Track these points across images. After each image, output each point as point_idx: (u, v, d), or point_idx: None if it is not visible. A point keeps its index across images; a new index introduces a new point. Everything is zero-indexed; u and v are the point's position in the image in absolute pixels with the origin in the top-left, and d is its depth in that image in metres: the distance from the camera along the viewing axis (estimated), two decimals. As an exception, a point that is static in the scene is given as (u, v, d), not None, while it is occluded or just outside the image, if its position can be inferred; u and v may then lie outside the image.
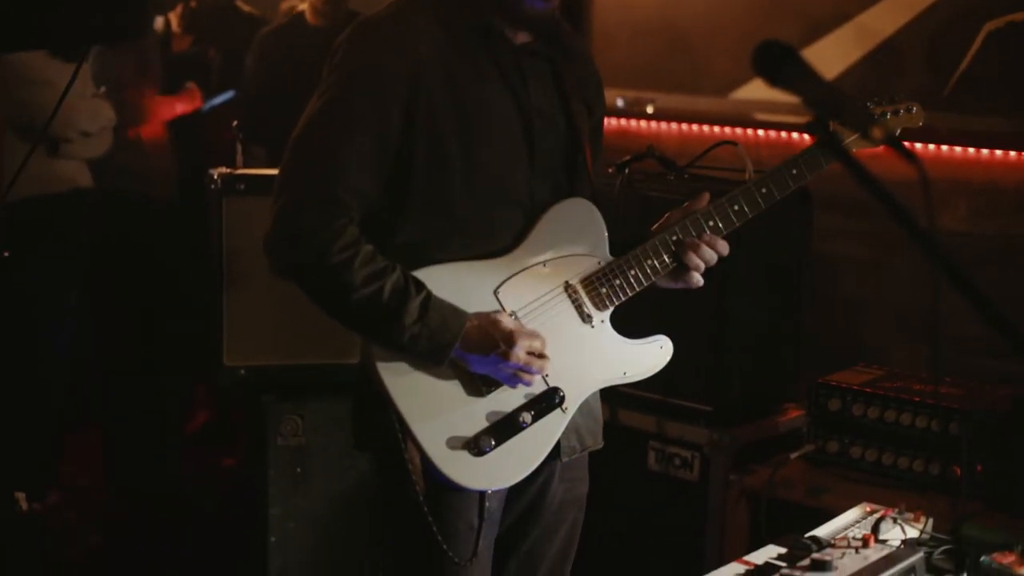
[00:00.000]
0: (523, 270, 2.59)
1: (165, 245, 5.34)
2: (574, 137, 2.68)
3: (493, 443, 2.52)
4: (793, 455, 3.65)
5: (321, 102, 2.53)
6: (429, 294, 2.47)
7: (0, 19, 2.68)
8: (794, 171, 2.69)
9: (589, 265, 2.65)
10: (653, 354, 2.74)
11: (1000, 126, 4.69)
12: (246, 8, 5.94)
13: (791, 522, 2.84)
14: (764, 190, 2.69)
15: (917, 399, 3.53)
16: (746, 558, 2.52)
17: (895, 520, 2.63)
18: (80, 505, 5.27)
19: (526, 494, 2.73)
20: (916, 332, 4.59)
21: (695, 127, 5.45)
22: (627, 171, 3.89)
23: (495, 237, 2.59)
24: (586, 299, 2.63)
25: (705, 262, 2.66)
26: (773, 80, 2.21)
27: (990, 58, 4.68)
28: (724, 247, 2.67)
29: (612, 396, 3.88)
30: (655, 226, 2.72)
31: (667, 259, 2.65)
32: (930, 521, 2.66)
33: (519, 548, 2.77)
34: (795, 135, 4.95)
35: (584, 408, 2.69)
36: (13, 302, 4.71)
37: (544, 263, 2.61)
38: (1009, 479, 3.46)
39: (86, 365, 5.58)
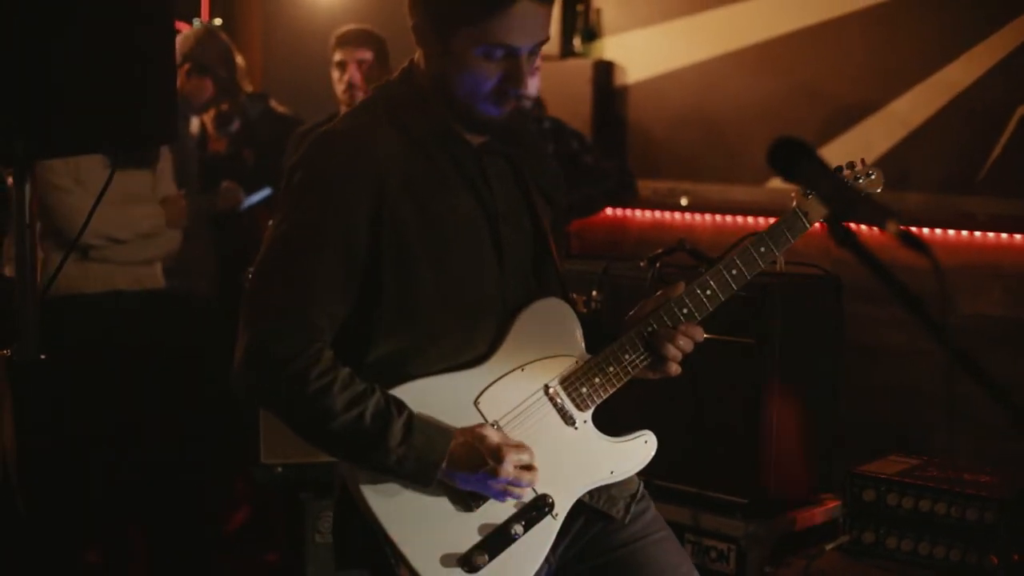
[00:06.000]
0: (501, 377, 2.51)
1: (204, 342, 5.37)
2: (539, 234, 2.63)
3: (487, 558, 2.43)
4: (828, 546, 3.62)
5: (286, 224, 2.47)
6: (411, 414, 2.39)
7: (61, 124, 2.71)
8: (762, 249, 2.63)
9: (567, 365, 2.57)
10: (638, 450, 2.63)
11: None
12: (280, 108, 6.03)
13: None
14: (734, 271, 2.61)
15: (953, 488, 3.50)
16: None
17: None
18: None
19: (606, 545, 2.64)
20: (953, 419, 4.56)
21: (729, 218, 5.46)
22: (658, 265, 3.88)
23: (470, 345, 2.51)
24: (567, 401, 2.56)
25: (681, 351, 2.58)
26: (788, 175, 2.24)
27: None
28: (699, 334, 2.59)
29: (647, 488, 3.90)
30: (629, 316, 2.65)
31: (644, 351, 2.58)
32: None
33: (636, 562, 2.63)
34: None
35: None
36: (50, 404, 4.71)
37: (522, 367, 2.53)
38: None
39: (126, 465, 5.60)
